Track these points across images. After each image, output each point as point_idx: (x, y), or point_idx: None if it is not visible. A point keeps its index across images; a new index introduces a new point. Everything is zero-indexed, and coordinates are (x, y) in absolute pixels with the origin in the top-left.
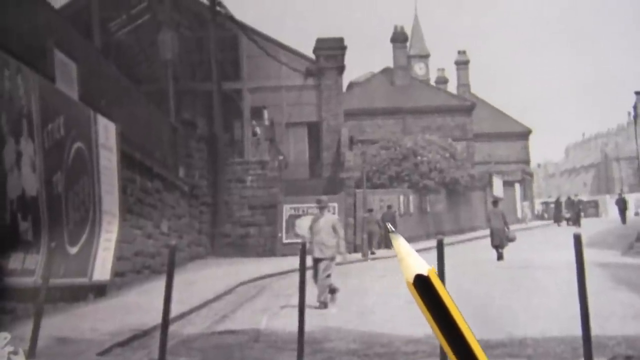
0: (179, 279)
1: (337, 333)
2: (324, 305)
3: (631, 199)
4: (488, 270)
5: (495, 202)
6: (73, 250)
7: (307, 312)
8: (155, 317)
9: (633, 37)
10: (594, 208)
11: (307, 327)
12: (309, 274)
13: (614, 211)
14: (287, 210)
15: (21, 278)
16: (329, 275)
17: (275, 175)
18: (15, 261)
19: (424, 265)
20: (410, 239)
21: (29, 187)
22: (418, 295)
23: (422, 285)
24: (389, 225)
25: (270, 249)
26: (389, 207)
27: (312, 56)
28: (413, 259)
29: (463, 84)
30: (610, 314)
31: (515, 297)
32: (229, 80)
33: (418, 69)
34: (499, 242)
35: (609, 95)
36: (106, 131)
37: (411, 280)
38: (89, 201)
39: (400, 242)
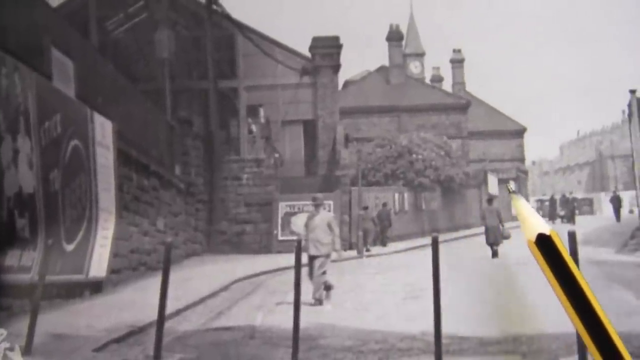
0: (174, 275)
1: (332, 330)
2: (319, 302)
3: (625, 196)
4: (483, 267)
5: (490, 199)
6: (69, 247)
7: (303, 308)
8: (151, 314)
9: (628, 36)
10: (588, 206)
11: (302, 324)
12: (304, 271)
13: (608, 209)
14: (282, 207)
15: (18, 275)
16: (324, 273)
17: (271, 172)
18: (11, 258)
19: (546, 226)
20: (405, 237)
21: (26, 185)
22: (539, 253)
23: (544, 244)
24: (511, 185)
25: (266, 246)
26: (384, 204)
27: (308, 54)
28: (535, 219)
29: (458, 82)
30: (604, 311)
31: (510, 294)
32: (225, 78)
33: (413, 67)
34: (494, 239)
35: (603, 93)
36: (103, 129)
37: (533, 239)
38: (86, 198)
39: (521, 203)
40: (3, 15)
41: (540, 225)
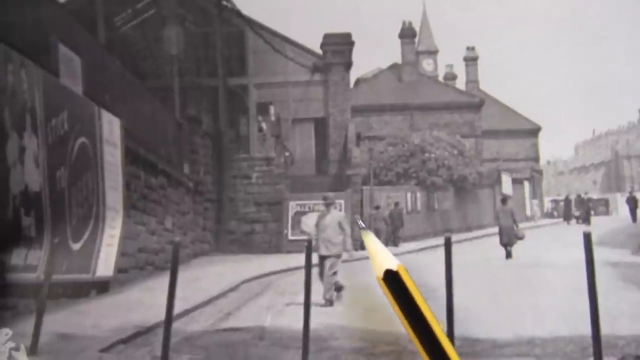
0: (182, 275)
1: (343, 331)
2: (329, 303)
3: None
4: (496, 268)
5: (504, 199)
6: (76, 246)
7: (313, 309)
8: (158, 314)
9: None
10: (604, 206)
11: (313, 325)
12: (314, 271)
13: (624, 210)
14: (293, 207)
15: (24, 274)
16: (335, 273)
17: (281, 171)
18: (17, 257)
19: (394, 261)
20: (417, 237)
21: (32, 183)
22: (388, 290)
23: (392, 280)
24: (359, 221)
25: (276, 246)
26: (396, 204)
27: (319, 52)
28: (383, 255)
29: (472, 81)
30: (620, 313)
31: (524, 296)
32: (234, 75)
33: (426, 65)
34: (508, 240)
35: (619, 92)
36: (110, 126)
37: (381, 275)
38: (93, 197)
39: (370, 239)
40: (10, 12)
41: (388, 261)
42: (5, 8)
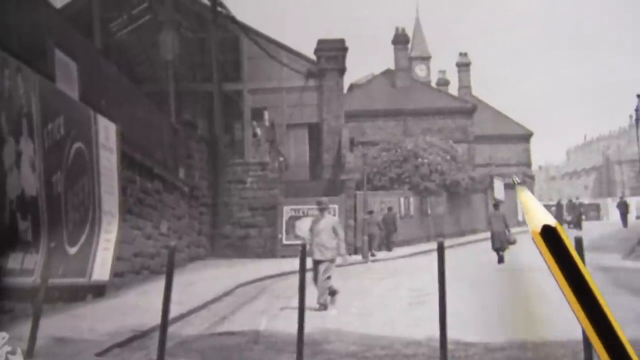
0: (178, 279)
1: (337, 335)
2: (323, 307)
3: (633, 202)
4: (489, 273)
5: (496, 204)
6: (72, 250)
7: (307, 313)
8: (154, 318)
9: (635, 41)
10: (595, 211)
11: (307, 329)
12: (309, 275)
13: (615, 214)
14: (287, 211)
15: (20, 278)
16: (329, 277)
17: (276, 176)
18: (14, 261)
19: (552, 218)
20: (410, 241)
21: (29, 187)
22: (544, 245)
23: (549, 237)
24: (515, 178)
25: (270, 251)
26: (390, 209)
27: (313, 57)
28: (540, 211)
29: (464, 86)
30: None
31: (516, 300)
32: (229, 81)
33: (419, 70)
34: (500, 244)
35: (610, 98)
36: (106, 131)
37: (538, 230)
38: (89, 201)
39: (527, 195)
40: (6, 17)
41: (546, 217)
42: (1, 13)
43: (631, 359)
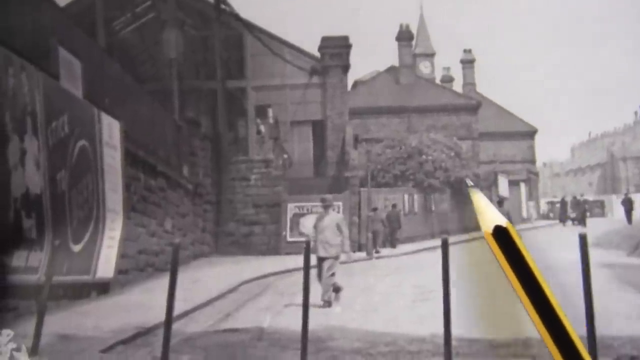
0: (182, 277)
1: (341, 332)
2: (328, 304)
3: (637, 199)
4: (492, 269)
5: (501, 201)
6: (76, 248)
7: (311, 310)
8: (158, 315)
9: (639, 38)
10: (599, 208)
11: (311, 326)
12: (313, 272)
13: (619, 211)
14: (291, 208)
15: (25, 276)
16: (333, 274)
17: (280, 173)
18: (18, 259)
19: (502, 218)
20: (414, 238)
21: (33, 185)
22: (496, 245)
23: (500, 236)
24: (468, 181)
25: (274, 248)
26: (394, 206)
27: (317, 54)
28: (491, 211)
29: (469, 83)
30: (615, 314)
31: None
32: (233, 78)
33: (423, 67)
34: None
35: (615, 95)
36: (110, 129)
37: (490, 230)
38: (93, 199)
39: (478, 196)
40: (10, 16)
41: (497, 217)
42: (6, 12)
43: (580, 355)
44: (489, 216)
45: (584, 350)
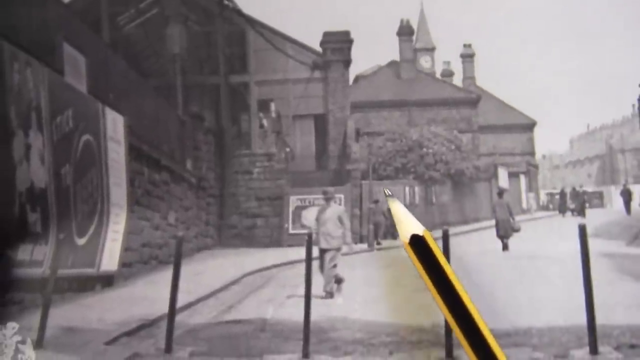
0: (185, 269)
1: (343, 322)
2: (330, 295)
3: (636, 190)
4: (493, 260)
5: (501, 193)
6: (81, 241)
7: (313, 301)
8: (162, 307)
9: (638, 30)
10: (598, 199)
11: (313, 317)
12: (315, 264)
13: (618, 202)
14: (293, 201)
15: (30, 269)
16: (335, 266)
17: (282, 167)
18: (23, 252)
19: (420, 227)
20: None
21: (38, 180)
22: (414, 254)
23: (418, 245)
24: (386, 190)
25: (277, 240)
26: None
27: (319, 49)
28: (409, 220)
29: (469, 77)
30: (615, 303)
31: (520, 287)
32: (236, 73)
33: (424, 62)
34: (504, 232)
35: (613, 87)
36: (114, 124)
37: (407, 240)
38: (97, 193)
39: (396, 205)
40: (16, 13)
41: (414, 226)
42: (11, 9)
43: (495, 355)
44: (407, 225)
45: (500, 352)
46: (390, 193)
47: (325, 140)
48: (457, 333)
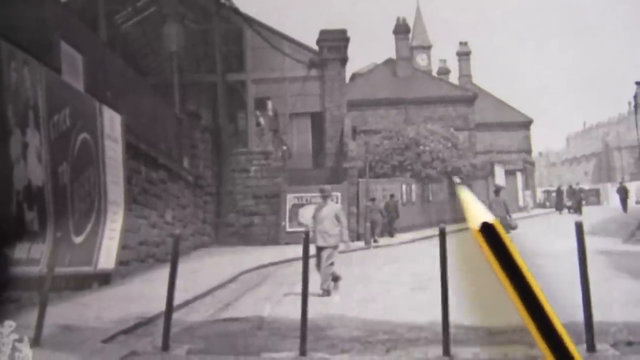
0: (183, 267)
1: (340, 320)
2: (327, 293)
3: (632, 187)
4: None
5: (497, 190)
6: (78, 239)
7: (310, 299)
8: (159, 305)
9: (634, 28)
10: (595, 196)
11: (310, 315)
12: (312, 262)
13: (615, 199)
14: (290, 199)
15: (27, 267)
16: (332, 264)
17: (279, 165)
18: (21, 251)
19: (489, 215)
20: (412, 228)
21: (35, 178)
22: (484, 241)
23: (487, 232)
24: (456, 179)
25: (274, 238)
26: (392, 196)
27: (316, 48)
28: (478, 208)
29: (465, 75)
30: (612, 301)
31: None
32: (233, 72)
33: (420, 60)
34: None
35: (609, 85)
36: (112, 122)
37: (477, 227)
38: (95, 191)
39: (465, 194)
40: (13, 11)
41: (484, 214)
42: (8, 7)
43: (568, 351)
44: (476, 213)
45: (574, 349)
46: (459, 181)
47: (322, 139)
48: (525, 318)
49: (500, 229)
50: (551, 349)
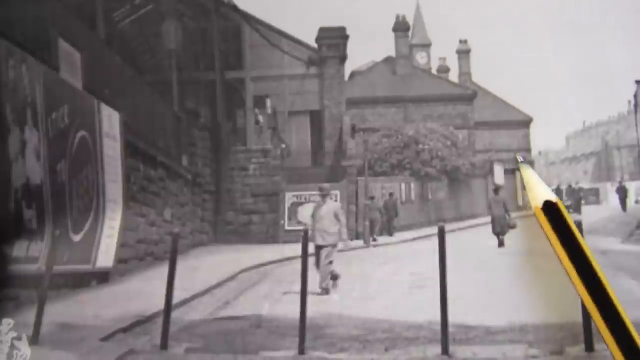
0: (181, 265)
1: (339, 319)
2: (325, 291)
3: (632, 186)
4: (489, 256)
5: (496, 189)
6: (77, 237)
7: (309, 298)
8: (157, 303)
9: (634, 26)
10: (594, 195)
11: (309, 313)
12: (311, 260)
13: (614, 199)
14: (289, 197)
15: (25, 265)
16: (330, 262)
17: (278, 163)
18: (19, 249)
19: (552, 194)
20: (412, 226)
21: (34, 176)
22: (545, 220)
23: (550, 211)
24: (518, 157)
25: (273, 236)
26: (391, 194)
27: (315, 45)
28: (541, 187)
29: (464, 73)
30: None
31: (516, 284)
32: (231, 69)
33: (419, 57)
34: (500, 229)
35: (609, 83)
36: (110, 120)
37: (540, 205)
38: (93, 189)
39: (529, 172)
40: (11, 8)
41: (547, 193)
42: (6, 4)
43: (630, 332)
44: (539, 191)
45: (633, 328)
46: (521, 159)
47: (321, 137)
48: (584, 297)
49: (562, 209)
50: (608, 324)
